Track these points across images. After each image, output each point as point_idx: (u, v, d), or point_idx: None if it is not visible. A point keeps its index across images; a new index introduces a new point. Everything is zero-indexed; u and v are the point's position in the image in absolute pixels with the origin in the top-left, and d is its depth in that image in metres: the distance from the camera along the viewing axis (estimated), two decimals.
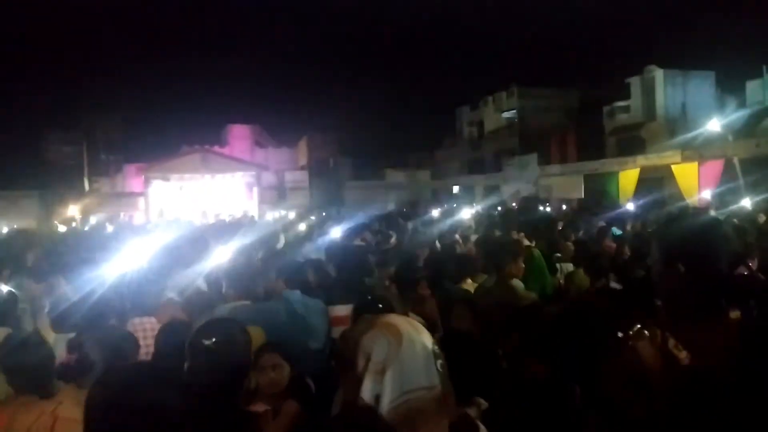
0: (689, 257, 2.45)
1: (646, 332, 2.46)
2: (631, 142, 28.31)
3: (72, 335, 3.15)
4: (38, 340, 2.92)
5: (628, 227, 9.30)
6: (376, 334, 2.75)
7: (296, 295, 4.21)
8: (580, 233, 8.36)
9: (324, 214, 17.68)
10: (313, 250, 7.74)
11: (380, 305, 3.35)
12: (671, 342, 2.44)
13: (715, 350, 2.32)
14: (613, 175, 21.52)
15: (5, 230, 16.63)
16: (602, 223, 8.92)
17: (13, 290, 4.72)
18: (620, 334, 2.44)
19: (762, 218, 9.42)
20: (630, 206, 13.33)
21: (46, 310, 4.28)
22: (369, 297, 3.90)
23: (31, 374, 2.59)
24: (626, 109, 30.73)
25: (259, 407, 2.52)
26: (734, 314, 2.69)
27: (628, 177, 20.63)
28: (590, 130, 30.96)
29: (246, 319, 3.56)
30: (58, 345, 2.99)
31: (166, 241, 9.10)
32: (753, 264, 4.87)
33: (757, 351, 2.19)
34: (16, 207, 22.77)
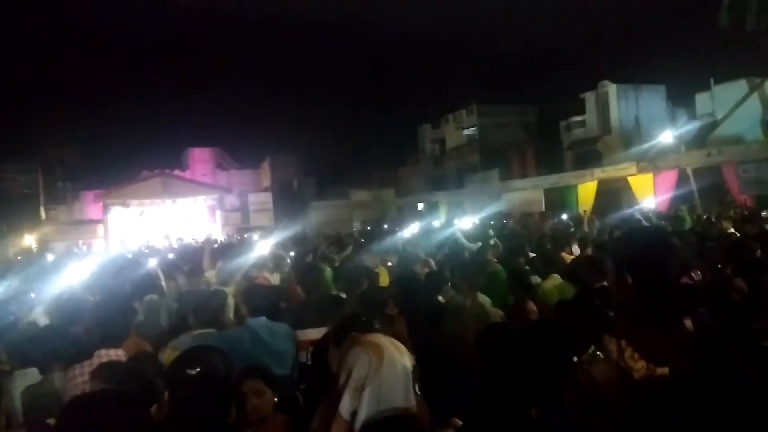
0: (637, 267, 2.52)
1: (600, 354, 2.47)
2: (588, 156, 29.02)
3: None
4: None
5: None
6: (359, 351, 2.75)
7: (261, 321, 4.13)
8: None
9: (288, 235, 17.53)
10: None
11: (361, 323, 3.30)
12: (627, 353, 2.40)
13: (670, 359, 2.32)
14: (572, 188, 22.00)
15: None
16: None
17: None
18: (575, 359, 2.47)
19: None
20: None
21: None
22: (345, 317, 3.90)
23: None
24: (582, 123, 31.57)
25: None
26: (686, 323, 2.64)
27: (587, 189, 21.12)
28: (548, 145, 31.69)
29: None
30: (17, 381, 2.94)
31: (126, 268, 8.95)
32: (695, 273, 4.98)
33: (713, 358, 2.23)
34: None
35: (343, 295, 5.07)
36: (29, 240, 25.81)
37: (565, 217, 16.62)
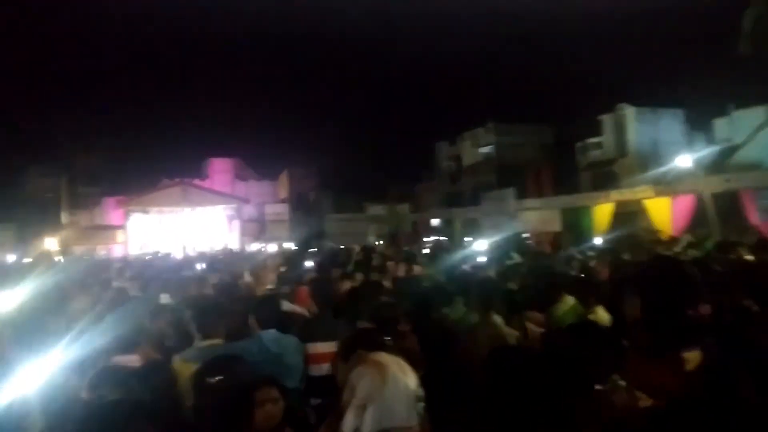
0: (647, 296, 2.55)
1: (622, 383, 2.46)
2: (605, 178, 28.90)
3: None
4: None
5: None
6: (363, 370, 2.84)
7: (270, 333, 4.11)
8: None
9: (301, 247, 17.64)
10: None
11: (371, 339, 3.32)
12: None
13: (671, 390, 2.35)
14: (588, 209, 21.95)
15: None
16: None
17: None
18: (598, 387, 2.43)
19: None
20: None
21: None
22: (354, 333, 3.79)
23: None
24: (599, 145, 31.48)
25: None
26: (693, 354, 2.71)
27: (603, 211, 21.07)
28: (565, 166, 31.63)
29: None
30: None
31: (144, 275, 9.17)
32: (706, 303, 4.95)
33: (719, 390, 2.23)
34: None
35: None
36: (50, 243, 26.26)
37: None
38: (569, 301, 5.57)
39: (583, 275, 7.23)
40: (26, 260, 18.73)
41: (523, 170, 32.78)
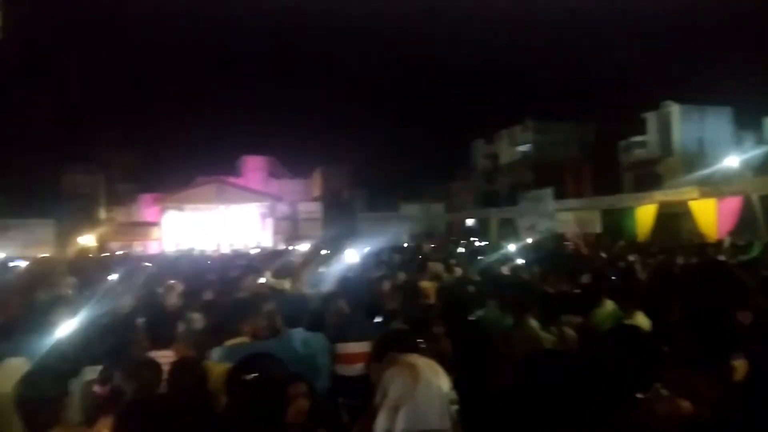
0: (693, 301, 2.40)
1: (664, 391, 2.37)
2: (648, 178, 28.13)
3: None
4: (56, 371, 2.94)
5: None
6: (395, 372, 2.80)
7: (297, 332, 4.15)
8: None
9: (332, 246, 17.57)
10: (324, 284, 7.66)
11: (403, 341, 3.30)
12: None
13: (717, 400, 2.26)
14: (630, 211, 21.31)
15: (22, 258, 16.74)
16: None
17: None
18: (639, 395, 2.33)
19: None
20: None
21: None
22: (386, 334, 3.81)
23: (44, 407, 2.64)
24: (643, 144, 30.63)
25: None
26: (740, 362, 2.62)
27: (646, 212, 20.42)
28: (606, 165, 30.84)
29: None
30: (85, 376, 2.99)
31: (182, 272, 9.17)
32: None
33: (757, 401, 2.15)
34: (33, 235, 23.01)
35: None
36: (88, 239, 26.77)
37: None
38: (609, 305, 5.36)
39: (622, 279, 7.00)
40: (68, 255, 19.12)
41: (562, 169, 32.09)
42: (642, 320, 4.66)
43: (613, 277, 7.08)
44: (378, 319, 4.88)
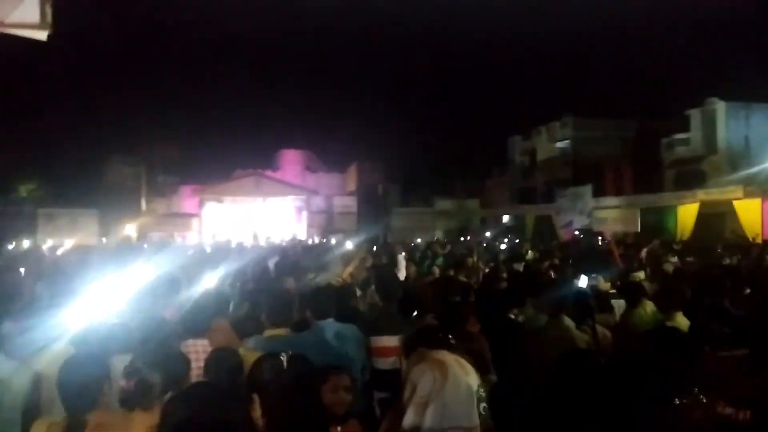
0: (745, 304, 2.33)
1: (703, 398, 2.31)
2: (691, 176, 27.41)
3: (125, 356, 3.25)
4: (97, 357, 3.02)
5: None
6: (424, 368, 2.80)
7: (329, 324, 4.15)
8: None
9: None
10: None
11: (433, 337, 3.28)
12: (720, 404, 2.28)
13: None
14: (672, 209, 20.81)
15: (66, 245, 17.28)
16: None
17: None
18: (677, 401, 2.27)
19: None
20: None
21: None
22: (416, 330, 3.80)
23: (85, 391, 2.71)
24: (686, 141, 29.81)
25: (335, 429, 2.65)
26: None
27: (687, 212, 19.92)
28: (647, 163, 30.12)
29: (279, 349, 3.56)
30: (117, 364, 3.05)
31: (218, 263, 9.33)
32: None
33: None
34: (76, 224, 23.73)
35: None
36: (129, 229, 27.43)
37: None
38: (648, 306, 5.25)
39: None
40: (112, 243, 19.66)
41: (602, 166, 31.42)
42: (683, 322, 4.55)
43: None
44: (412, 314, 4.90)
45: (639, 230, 20.35)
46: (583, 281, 5.66)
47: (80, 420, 2.61)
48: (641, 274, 7.83)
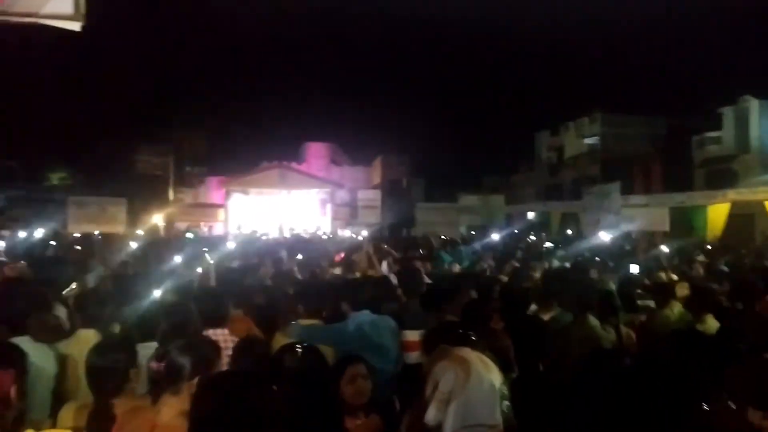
0: None
1: (732, 405, 2.26)
2: (722, 175, 26.82)
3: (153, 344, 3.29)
4: (125, 344, 3.09)
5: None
6: (447, 365, 2.78)
7: (365, 315, 4.20)
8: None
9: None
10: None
11: (454, 333, 3.28)
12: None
13: None
14: (702, 209, 20.40)
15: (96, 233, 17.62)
16: None
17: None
18: (705, 407, 2.22)
19: None
20: None
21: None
22: (436, 326, 3.79)
23: (112, 376, 2.78)
24: (717, 140, 29.19)
25: (355, 420, 2.67)
26: None
27: (718, 212, 19.51)
28: (677, 161, 29.56)
29: (315, 339, 3.60)
30: (141, 352, 3.10)
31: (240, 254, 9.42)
32: None
33: None
34: (106, 213, 24.00)
35: None
36: (157, 218, 27.82)
37: None
38: (676, 307, 5.18)
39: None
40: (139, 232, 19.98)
41: (631, 164, 30.94)
42: (713, 324, 4.47)
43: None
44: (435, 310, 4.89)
45: (668, 230, 19.98)
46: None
47: (108, 405, 2.67)
48: (671, 275, 7.69)
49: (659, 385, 2.27)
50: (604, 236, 12.24)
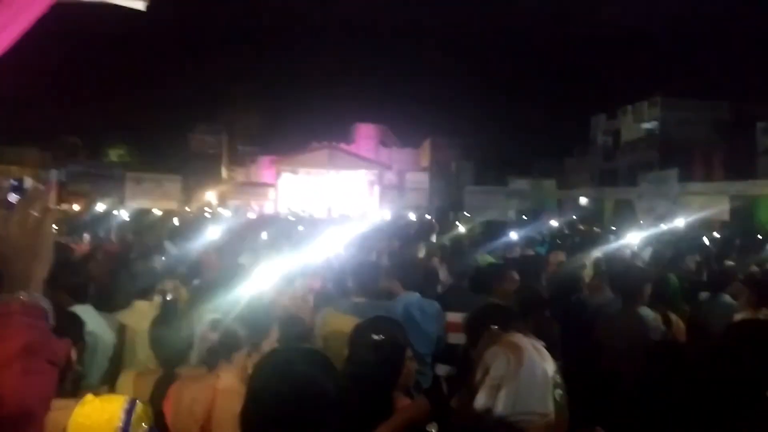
0: None
1: None
2: None
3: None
4: (181, 315, 3.20)
5: None
6: (498, 351, 2.71)
7: (414, 297, 4.25)
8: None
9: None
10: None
11: (500, 316, 3.24)
12: None
13: None
14: (764, 199, 19.50)
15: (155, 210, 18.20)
16: None
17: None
18: None
19: None
20: None
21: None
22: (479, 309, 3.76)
23: (175, 347, 2.90)
24: None
25: (403, 400, 2.66)
26: None
27: None
28: (741, 148, 28.24)
29: (363, 316, 3.65)
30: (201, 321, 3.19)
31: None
32: None
33: None
34: (161, 189, 24.77)
35: None
36: (210, 196, 28.55)
37: None
38: (727, 297, 5.03)
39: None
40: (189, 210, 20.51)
41: (691, 150, 29.72)
42: None
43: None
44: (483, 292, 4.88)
45: (728, 219, 19.21)
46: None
47: (172, 374, 2.79)
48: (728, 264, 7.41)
49: (722, 375, 2.24)
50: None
